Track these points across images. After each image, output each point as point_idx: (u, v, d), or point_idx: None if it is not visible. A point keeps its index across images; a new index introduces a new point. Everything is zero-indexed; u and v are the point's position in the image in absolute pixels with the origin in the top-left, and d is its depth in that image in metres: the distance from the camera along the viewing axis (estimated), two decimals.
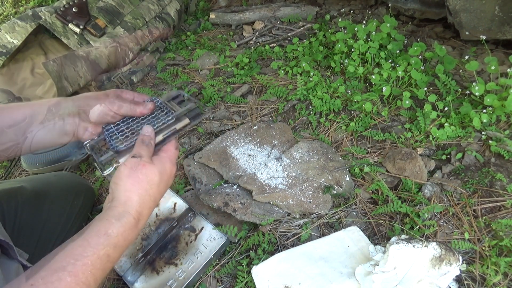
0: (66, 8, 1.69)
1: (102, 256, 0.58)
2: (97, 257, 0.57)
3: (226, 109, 1.58)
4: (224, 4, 2.38)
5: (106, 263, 0.59)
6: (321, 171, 1.20)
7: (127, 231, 0.62)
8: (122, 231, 0.61)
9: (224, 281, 1.02)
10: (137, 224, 0.64)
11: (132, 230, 0.63)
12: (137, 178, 0.66)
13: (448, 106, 1.30)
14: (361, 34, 1.55)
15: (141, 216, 0.65)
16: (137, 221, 0.64)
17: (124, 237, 0.62)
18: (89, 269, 0.56)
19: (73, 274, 0.54)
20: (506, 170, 1.12)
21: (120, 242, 0.61)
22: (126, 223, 0.62)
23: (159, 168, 0.70)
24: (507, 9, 1.35)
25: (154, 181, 0.68)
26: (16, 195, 1.00)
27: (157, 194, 0.70)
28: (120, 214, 0.63)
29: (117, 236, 0.60)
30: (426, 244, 0.83)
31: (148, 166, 0.68)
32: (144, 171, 0.67)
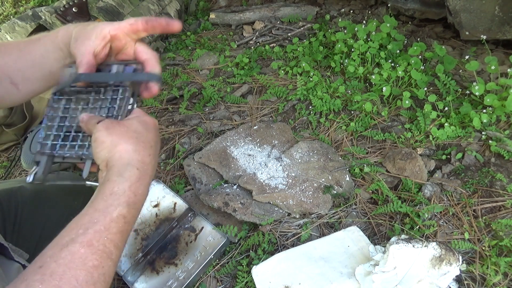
0: (66, 8, 1.69)
1: (116, 218, 0.51)
2: (110, 220, 0.50)
3: (226, 109, 1.58)
4: (224, 4, 2.38)
5: (123, 225, 0.51)
6: (321, 171, 1.20)
7: (134, 184, 0.54)
8: (128, 185, 0.53)
9: (224, 281, 1.02)
10: (144, 176, 0.56)
11: (140, 183, 0.55)
12: (119, 131, 0.57)
13: (448, 106, 1.30)
14: (361, 34, 1.55)
15: (144, 164, 0.56)
16: (142, 172, 0.56)
17: (133, 191, 0.54)
18: (104, 235, 0.49)
19: (86, 243, 0.47)
20: (506, 170, 1.12)
21: (131, 198, 0.53)
22: (130, 176, 0.54)
23: (137, 119, 0.61)
24: (507, 9, 1.35)
25: (139, 130, 0.59)
26: (16, 195, 1.00)
27: (152, 141, 0.60)
28: (120, 170, 0.54)
29: (125, 192, 0.53)
30: (426, 244, 0.83)
31: (124, 121, 0.60)
32: (123, 125, 0.58)
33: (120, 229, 0.51)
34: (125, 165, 0.55)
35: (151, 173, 0.58)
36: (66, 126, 0.65)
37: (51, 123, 0.66)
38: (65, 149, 0.63)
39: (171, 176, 1.34)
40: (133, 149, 0.56)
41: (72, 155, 0.63)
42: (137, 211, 0.55)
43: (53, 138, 0.65)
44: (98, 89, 0.67)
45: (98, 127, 0.57)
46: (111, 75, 0.66)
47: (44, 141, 0.65)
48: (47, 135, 0.65)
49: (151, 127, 0.61)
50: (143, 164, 0.56)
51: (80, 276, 0.45)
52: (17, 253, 0.76)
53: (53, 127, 0.66)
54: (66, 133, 0.65)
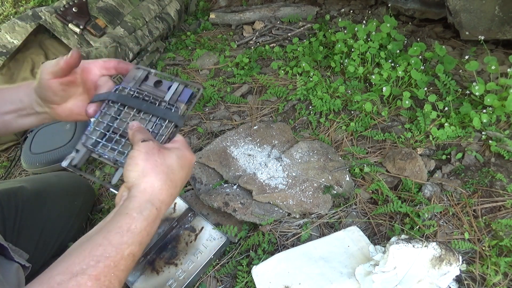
0: (66, 8, 1.69)
1: (127, 256, 0.52)
2: (121, 258, 0.51)
3: (226, 109, 1.58)
4: (224, 4, 2.38)
5: (131, 263, 0.53)
6: (321, 171, 1.20)
7: (150, 224, 0.55)
8: (145, 225, 0.54)
9: (224, 281, 1.02)
10: (159, 215, 0.57)
11: (155, 222, 0.56)
12: (155, 162, 0.57)
13: (448, 106, 1.30)
14: (361, 34, 1.55)
15: (163, 205, 0.57)
16: (159, 211, 0.57)
17: (148, 231, 0.55)
18: (112, 271, 0.50)
19: (94, 277, 0.48)
20: (506, 170, 1.12)
21: (144, 238, 0.54)
22: (149, 216, 0.55)
23: (176, 153, 0.61)
24: (507, 9, 1.35)
25: (174, 166, 0.59)
26: (16, 195, 1.00)
27: (178, 181, 0.60)
28: (141, 206, 0.55)
29: (141, 232, 0.54)
30: (426, 244, 0.83)
31: (164, 151, 0.60)
32: (162, 155, 0.58)
33: (127, 267, 0.52)
34: (146, 201, 0.56)
35: (165, 211, 0.59)
36: (114, 127, 0.67)
37: (102, 119, 0.67)
38: (105, 149, 0.65)
39: None
40: (160, 186, 0.57)
41: (109, 157, 0.65)
42: (144, 247, 0.56)
43: (99, 135, 0.66)
44: (154, 101, 0.67)
45: (140, 146, 0.58)
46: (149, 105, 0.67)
47: (90, 135, 0.66)
48: (95, 130, 0.67)
49: (187, 165, 0.62)
50: (161, 204, 0.57)
51: None
52: (17, 253, 0.76)
53: (102, 124, 0.67)
54: (111, 134, 0.66)
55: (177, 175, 0.60)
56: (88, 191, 1.25)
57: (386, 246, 0.85)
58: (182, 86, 0.68)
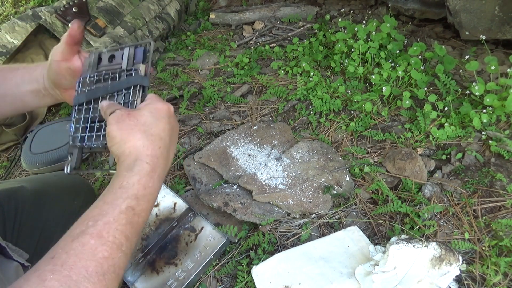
0: (66, 8, 1.69)
1: (125, 210, 0.51)
2: (119, 212, 0.51)
3: (226, 109, 1.58)
4: (224, 4, 2.38)
5: (132, 217, 0.52)
6: (321, 171, 1.20)
7: (144, 178, 0.54)
8: (137, 179, 0.54)
9: (224, 281, 1.02)
10: (154, 169, 0.56)
11: (150, 176, 0.55)
12: (129, 126, 0.57)
13: (448, 106, 1.30)
14: (361, 34, 1.55)
15: (154, 158, 0.57)
16: (153, 166, 0.56)
17: (143, 185, 0.54)
18: (113, 227, 0.49)
19: (96, 235, 0.48)
20: (506, 170, 1.12)
21: (140, 191, 0.54)
22: (140, 170, 0.55)
23: (148, 109, 0.60)
24: (507, 9, 1.35)
25: (149, 121, 0.59)
26: (16, 195, 1.00)
27: (161, 132, 0.59)
28: (130, 165, 0.55)
29: (134, 185, 0.53)
30: (426, 244, 0.83)
31: (135, 112, 0.59)
32: (133, 118, 0.58)
33: (129, 220, 0.51)
34: (134, 160, 0.55)
35: (163, 165, 0.58)
36: (91, 117, 0.66)
37: (78, 115, 0.68)
38: (92, 140, 0.65)
39: (171, 176, 1.34)
40: (142, 144, 0.56)
41: (98, 145, 0.65)
42: (148, 203, 0.55)
43: (81, 130, 0.66)
44: (114, 76, 0.67)
45: (109, 121, 0.58)
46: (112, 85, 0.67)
47: (74, 134, 0.67)
48: (76, 128, 0.67)
49: (163, 115, 0.61)
50: (153, 158, 0.56)
51: (90, 267, 0.46)
52: (16, 253, 0.76)
53: (80, 120, 0.67)
54: (91, 124, 0.66)
55: (156, 127, 0.59)
56: (88, 191, 1.25)
57: (386, 246, 0.85)
58: (133, 49, 0.68)
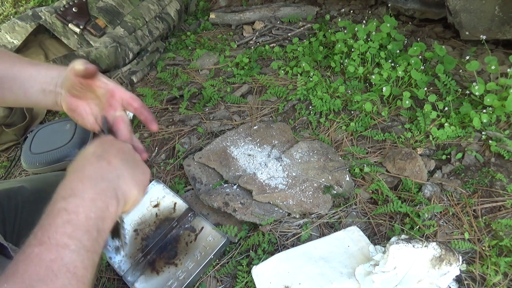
0: (66, 8, 1.69)
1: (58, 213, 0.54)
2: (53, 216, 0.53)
3: (226, 109, 1.58)
4: (224, 4, 2.38)
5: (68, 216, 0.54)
6: (321, 171, 1.20)
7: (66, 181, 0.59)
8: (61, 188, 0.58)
9: (224, 281, 1.02)
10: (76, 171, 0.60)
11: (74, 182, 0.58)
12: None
13: (448, 106, 1.30)
14: (361, 34, 1.55)
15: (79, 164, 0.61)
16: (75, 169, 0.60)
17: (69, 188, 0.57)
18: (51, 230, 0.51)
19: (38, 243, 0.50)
20: (506, 170, 1.12)
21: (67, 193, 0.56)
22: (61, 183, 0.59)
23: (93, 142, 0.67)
24: (507, 9, 1.35)
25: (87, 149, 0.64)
26: (16, 195, 1.00)
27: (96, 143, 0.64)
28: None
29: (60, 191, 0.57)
30: (426, 244, 0.83)
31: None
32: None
33: (66, 220, 0.52)
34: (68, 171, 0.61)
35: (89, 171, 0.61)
36: None
37: None
38: None
39: (171, 176, 1.34)
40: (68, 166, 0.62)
41: None
42: (83, 200, 0.56)
43: None
44: None
45: None
46: None
47: None
48: None
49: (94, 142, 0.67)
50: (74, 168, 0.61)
51: (41, 271, 0.47)
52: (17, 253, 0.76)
53: None
54: None
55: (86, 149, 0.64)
56: None
57: (386, 246, 0.85)
58: None
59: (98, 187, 0.59)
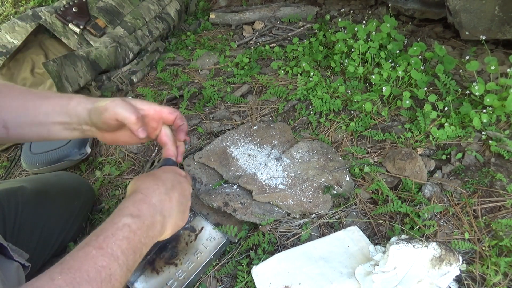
0: (66, 8, 1.69)
1: (122, 227, 0.60)
2: (116, 228, 0.59)
3: (226, 109, 1.58)
4: (224, 4, 2.38)
5: (129, 233, 0.60)
6: (321, 171, 1.20)
7: (137, 203, 0.65)
8: (132, 203, 0.65)
9: (224, 281, 1.02)
10: (147, 197, 0.67)
11: (144, 202, 0.66)
12: (145, 175, 0.73)
13: (448, 106, 1.30)
14: (361, 34, 1.55)
15: (150, 190, 0.69)
16: (146, 195, 0.67)
17: (137, 207, 0.65)
18: (111, 240, 0.57)
19: (97, 246, 0.55)
20: (506, 170, 1.12)
21: (134, 212, 0.63)
22: (134, 197, 0.66)
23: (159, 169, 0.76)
24: (507, 9, 1.35)
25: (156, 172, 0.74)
26: (16, 195, 1.00)
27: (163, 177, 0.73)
28: (127, 195, 0.69)
29: (128, 207, 0.64)
30: (426, 244, 0.83)
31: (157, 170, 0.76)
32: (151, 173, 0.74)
33: (125, 236, 0.59)
34: (132, 192, 0.69)
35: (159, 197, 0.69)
36: None
37: None
38: None
39: None
40: (141, 182, 0.71)
41: None
42: (143, 225, 0.63)
43: None
44: None
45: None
46: None
47: None
48: None
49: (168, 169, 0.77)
50: (147, 190, 0.69)
51: (91, 272, 0.53)
52: (17, 253, 0.77)
53: None
54: None
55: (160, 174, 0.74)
56: (88, 191, 1.25)
57: (386, 246, 0.85)
58: None
59: (155, 218, 0.67)
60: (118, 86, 1.77)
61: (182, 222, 0.77)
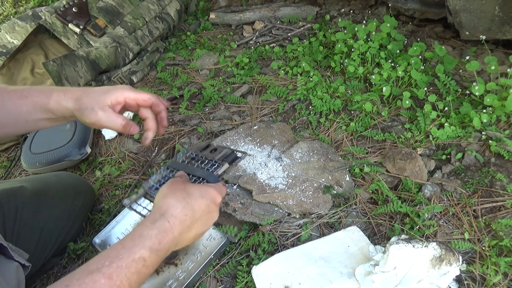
0: (66, 8, 1.69)
1: (138, 260, 0.57)
2: (132, 260, 0.56)
3: (226, 109, 1.58)
4: (224, 4, 2.38)
5: (141, 268, 0.57)
6: (321, 171, 1.20)
7: (161, 234, 0.61)
8: (156, 233, 0.61)
9: (224, 281, 1.02)
10: (171, 229, 0.63)
11: (167, 234, 0.62)
12: (175, 188, 0.68)
13: (448, 106, 1.30)
14: (361, 34, 1.55)
15: (176, 220, 0.64)
16: (172, 225, 0.63)
17: (159, 240, 0.61)
18: (123, 272, 0.55)
19: (108, 276, 0.53)
20: (506, 170, 1.12)
21: (155, 244, 0.60)
22: (160, 226, 0.62)
23: (200, 187, 0.71)
24: (507, 9, 1.35)
25: (193, 193, 0.68)
26: (16, 195, 1.00)
27: (196, 205, 0.67)
28: (155, 218, 0.63)
29: (151, 238, 0.60)
30: (426, 244, 0.83)
31: (188, 183, 0.71)
32: (184, 185, 0.70)
33: (138, 270, 0.57)
34: (160, 215, 0.64)
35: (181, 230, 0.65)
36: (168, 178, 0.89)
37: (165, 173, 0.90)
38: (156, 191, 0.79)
39: None
40: (174, 204, 0.65)
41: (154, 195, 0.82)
42: (158, 258, 0.61)
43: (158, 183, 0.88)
44: (205, 160, 0.90)
45: (168, 181, 0.73)
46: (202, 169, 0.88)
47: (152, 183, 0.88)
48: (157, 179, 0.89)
49: (207, 197, 0.71)
50: (174, 219, 0.64)
51: None
52: (16, 253, 0.77)
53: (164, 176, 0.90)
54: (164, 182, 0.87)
55: (195, 200, 0.68)
56: (88, 191, 1.25)
57: (386, 246, 0.85)
58: (231, 151, 0.91)
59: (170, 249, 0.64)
60: None
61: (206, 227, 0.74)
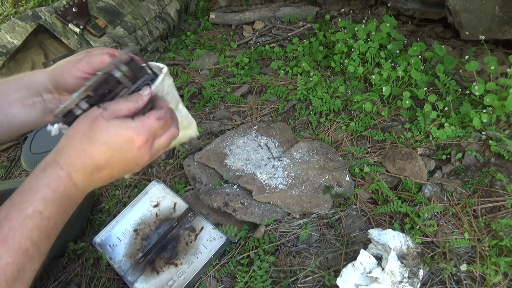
0: (66, 8, 1.69)
1: (32, 215, 0.49)
2: (25, 217, 0.49)
3: (226, 109, 1.58)
4: (224, 4, 2.38)
5: (40, 221, 0.50)
6: (321, 171, 1.20)
7: (54, 182, 0.51)
8: (47, 182, 0.51)
9: (224, 281, 1.02)
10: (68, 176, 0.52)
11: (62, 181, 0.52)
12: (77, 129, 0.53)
13: (448, 106, 1.30)
14: (361, 34, 1.55)
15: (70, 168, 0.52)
16: (68, 173, 0.52)
17: (53, 188, 0.51)
18: (19, 232, 0.47)
19: (1, 241, 0.46)
20: (506, 170, 1.12)
21: (48, 194, 0.51)
22: (51, 173, 0.52)
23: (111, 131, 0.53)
24: (507, 9, 1.35)
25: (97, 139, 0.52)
26: None
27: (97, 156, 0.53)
28: (46, 165, 0.53)
29: (42, 188, 0.51)
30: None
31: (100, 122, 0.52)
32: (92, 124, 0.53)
33: (36, 225, 0.50)
34: (51, 161, 0.53)
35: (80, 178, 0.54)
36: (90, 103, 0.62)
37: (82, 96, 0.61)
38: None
39: (171, 176, 1.34)
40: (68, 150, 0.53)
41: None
42: (59, 206, 0.52)
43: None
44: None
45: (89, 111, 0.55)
46: None
47: None
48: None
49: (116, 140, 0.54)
50: (68, 167, 0.52)
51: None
52: None
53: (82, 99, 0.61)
54: None
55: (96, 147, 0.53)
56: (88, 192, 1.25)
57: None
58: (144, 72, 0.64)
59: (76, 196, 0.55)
60: None
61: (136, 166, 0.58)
